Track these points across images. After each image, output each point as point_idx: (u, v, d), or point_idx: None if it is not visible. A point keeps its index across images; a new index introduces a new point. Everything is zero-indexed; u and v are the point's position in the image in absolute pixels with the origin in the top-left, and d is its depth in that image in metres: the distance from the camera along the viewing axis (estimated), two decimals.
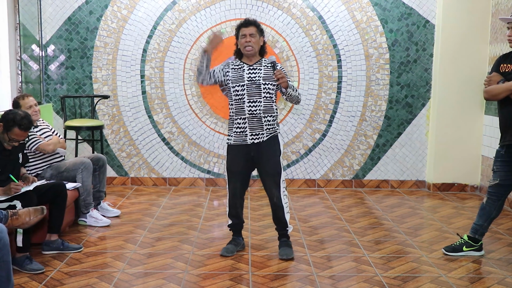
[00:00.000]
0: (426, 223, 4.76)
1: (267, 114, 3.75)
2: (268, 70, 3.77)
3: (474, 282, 3.42)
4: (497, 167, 3.78)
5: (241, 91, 3.75)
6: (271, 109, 3.78)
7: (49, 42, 5.88)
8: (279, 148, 3.82)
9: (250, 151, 3.79)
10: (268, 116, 3.76)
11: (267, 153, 3.78)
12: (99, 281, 3.36)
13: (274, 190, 3.79)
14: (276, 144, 3.80)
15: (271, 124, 3.78)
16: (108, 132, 5.98)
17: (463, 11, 5.72)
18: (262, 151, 3.78)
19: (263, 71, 3.78)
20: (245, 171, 3.88)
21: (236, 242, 3.94)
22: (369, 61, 5.93)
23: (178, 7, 5.87)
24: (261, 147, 3.77)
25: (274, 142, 3.79)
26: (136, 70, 5.92)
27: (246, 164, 3.84)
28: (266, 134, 3.77)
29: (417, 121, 6.01)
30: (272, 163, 3.78)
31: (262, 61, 3.83)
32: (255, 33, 3.77)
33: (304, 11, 5.87)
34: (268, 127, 3.77)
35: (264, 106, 3.74)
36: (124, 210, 4.98)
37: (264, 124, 3.75)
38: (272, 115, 3.78)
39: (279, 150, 3.81)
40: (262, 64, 3.81)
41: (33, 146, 4.24)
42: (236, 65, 3.84)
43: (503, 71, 3.70)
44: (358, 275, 3.51)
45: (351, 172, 6.07)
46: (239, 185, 3.87)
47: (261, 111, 3.73)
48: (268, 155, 3.78)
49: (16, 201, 3.41)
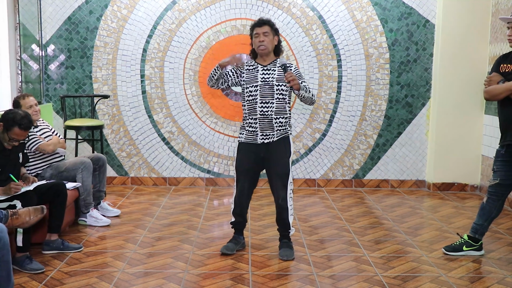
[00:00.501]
0: (426, 222, 4.76)
1: (279, 115, 3.75)
2: (282, 71, 3.77)
3: (474, 282, 3.42)
4: (497, 167, 3.78)
5: (254, 92, 3.76)
6: (283, 110, 3.77)
7: (49, 42, 5.88)
8: (289, 149, 3.80)
9: (260, 151, 3.79)
10: (280, 117, 3.75)
11: (276, 153, 3.76)
12: (99, 280, 3.36)
13: (280, 191, 3.78)
14: (286, 145, 3.78)
15: (283, 125, 3.77)
16: (108, 131, 5.98)
17: (463, 11, 5.71)
18: (271, 152, 3.77)
19: (276, 72, 3.77)
20: (254, 170, 3.88)
21: (236, 240, 3.94)
22: (369, 60, 5.93)
23: (178, 6, 5.87)
24: (271, 148, 3.77)
25: (284, 143, 3.78)
26: (136, 69, 5.92)
27: (255, 163, 3.83)
28: (276, 135, 3.77)
29: (417, 120, 6.01)
30: (281, 164, 3.76)
31: (277, 62, 3.82)
32: (268, 32, 3.78)
33: (304, 10, 5.87)
34: (279, 128, 3.76)
35: (277, 108, 3.74)
36: (124, 210, 4.98)
37: (275, 125, 3.75)
38: (284, 117, 3.77)
39: (289, 152, 3.79)
40: (277, 64, 3.81)
41: (33, 146, 4.24)
42: (251, 65, 3.85)
43: (503, 71, 3.69)
44: (358, 274, 3.51)
45: (351, 171, 6.07)
46: (247, 185, 3.86)
47: (273, 112, 3.73)
48: (277, 155, 3.76)
49: (16, 201, 3.41)
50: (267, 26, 3.79)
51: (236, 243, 3.92)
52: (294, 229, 3.93)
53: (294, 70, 3.80)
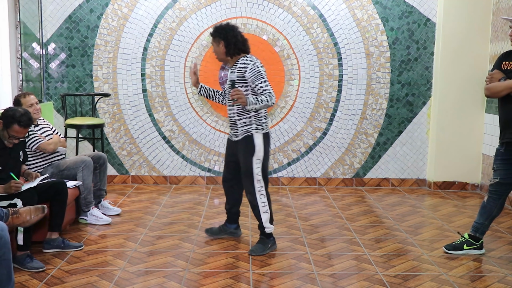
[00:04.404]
0: (426, 221, 4.76)
1: (241, 116, 3.83)
2: (240, 72, 3.78)
3: (474, 281, 3.42)
4: (497, 166, 3.77)
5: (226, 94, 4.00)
6: (245, 112, 3.82)
7: (49, 40, 5.87)
8: (252, 148, 3.81)
9: (234, 147, 3.97)
10: (243, 118, 3.84)
11: (240, 152, 3.89)
12: (100, 279, 3.36)
13: (246, 188, 3.91)
14: (248, 144, 3.83)
15: (247, 124, 3.84)
16: (109, 130, 5.98)
17: (464, 9, 5.71)
18: (238, 149, 3.91)
19: (235, 73, 3.82)
20: (233, 162, 4.01)
21: (223, 228, 4.18)
22: (370, 59, 5.92)
23: (179, 5, 5.86)
24: (238, 145, 3.91)
25: (247, 142, 3.84)
26: (137, 68, 5.92)
27: (233, 156, 4.00)
28: (240, 134, 3.87)
29: (417, 119, 6.01)
30: (243, 162, 3.87)
31: (238, 63, 3.82)
32: (212, 43, 3.90)
33: (305, 9, 5.87)
34: (243, 128, 3.85)
35: (238, 109, 3.84)
36: (125, 209, 4.98)
37: (239, 126, 3.86)
38: (247, 117, 3.82)
39: (251, 150, 3.81)
40: (237, 66, 3.82)
41: (34, 145, 4.24)
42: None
43: (505, 68, 3.69)
44: (358, 273, 3.51)
45: (352, 170, 6.07)
46: (226, 173, 4.11)
47: (235, 114, 3.85)
48: (240, 154, 3.88)
49: (16, 199, 3.41)
50: (211, 37, 3.89)
51: (222, 230, 4.18)
52: (272, 227, 3.93)
53: (249, 72, 3.73)
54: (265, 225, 3.89)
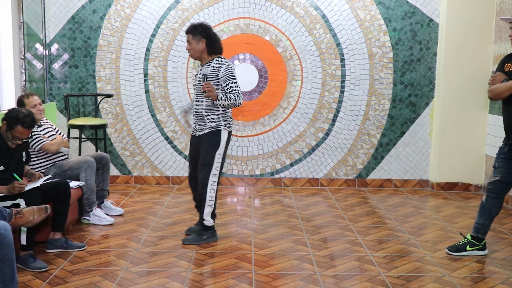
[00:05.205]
0: (429, 222, 4.75)
1: (209, 112, 3.97)
2: (213, 70, 3.94)
3: (477, 282, 3.41)
4: (498, 164, 3.77)
5: (193, 91, 4.10)
6: (213, 107, 3.96)
7: (52, 41, 5.89)
8: (218, 142, 3.98)
9: (197, 143, 4.07)
10: (211, 114, 3.97)
11: (204, 145, 4.00)
12: (103, 279, 3.36)
13: (201, 180, 4.00)
14: (215, 139, 3.98)
15: (215, 120, 3.98)
16: (112, 130, 5.98)
17: (467, 10, 5.70)
18: (202, 143, 4.02)
19: (208, 71, 3.97)
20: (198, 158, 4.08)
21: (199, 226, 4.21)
22: (373, 60, 5.92)
23: (182, 5, 5.87)
24: (202, 139, 4.02)
25: (214, 136, 3.98)
26: (140, 69, 5.93)
27: (195, 153, 4.10)
28: (207, 128, 3.99)
29: (420, 120, 6.00)
30: (204, 155, 3.99)
31: (213, 61, 3.99)
32: (190, 40, 4.01)
33: (308, 10, 5.87)
34: (211, 124, 3.99)
35: (207, 105, 3.97)
36: (128, 209, 4.99)
37: (206, 121, 3.98)
38: (216, 113, 3.98)
39: (217, 144, 3.98)
40: (211, 64, 3.99)
41: (37, 145, 4.25)
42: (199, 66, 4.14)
43: (507, 70, 3.69)
44: (361, 274, 3.51)
45: (354, 171, 6.06)
46: (191, 169, 4.20)
47: (203, 110, 3.98)
48: (204, 147, 4.00)
49: (20, 199, 3.41)
50: (189, 35, 4.02)
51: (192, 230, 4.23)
52: (212, 221, 4.08)
53: (223, 71, 3.94)
54: (205, 218, 4.05)
